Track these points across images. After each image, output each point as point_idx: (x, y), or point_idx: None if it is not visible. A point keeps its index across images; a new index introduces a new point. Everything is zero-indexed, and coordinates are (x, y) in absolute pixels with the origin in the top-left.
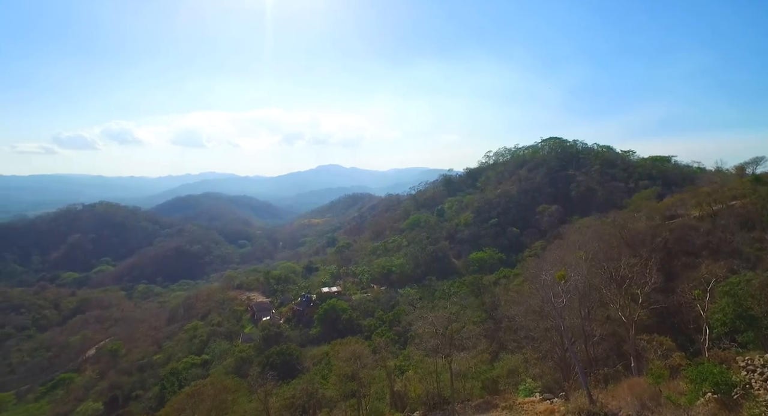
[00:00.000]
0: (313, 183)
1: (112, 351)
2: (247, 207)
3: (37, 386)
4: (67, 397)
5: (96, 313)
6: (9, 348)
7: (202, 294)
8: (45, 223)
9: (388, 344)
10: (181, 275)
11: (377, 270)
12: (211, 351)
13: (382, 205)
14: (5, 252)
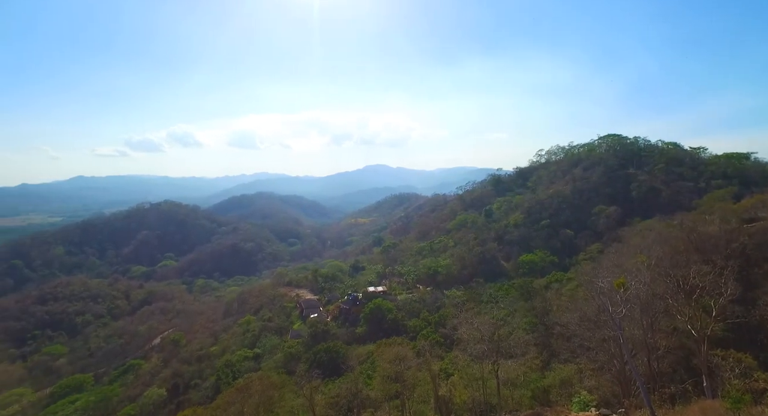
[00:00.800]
0: (360, 183)
1: (174, 341)
2: (297, 206)
3: (111, 370)
4: (136, 382)
5: (160, 305)
6: (88, 333)
7: (254, 290)
8: (118, 220)
9: (433, 346)
10: (235, 271)
11: (423, 271)
12: (263, 346)
13: (428, 205)
14: (86, 247)
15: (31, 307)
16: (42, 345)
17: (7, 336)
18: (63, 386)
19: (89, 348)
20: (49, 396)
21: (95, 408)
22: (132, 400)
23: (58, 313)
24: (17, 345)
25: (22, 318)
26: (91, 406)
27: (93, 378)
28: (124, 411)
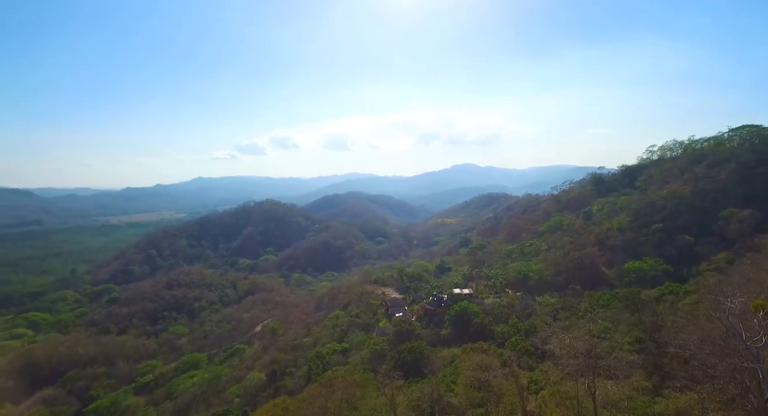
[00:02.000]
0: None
1: (272, 330)
2: (385, 205)
3: (221, 351)
4: (240, 365)
5: (262, 296)
6: (204, 318)
7: (343, 286)
8: (228, 217)
9: (521, 356)
10: (327, 267)
11: (512, 275)
12: (350, 340)
13: (519, 206)
14: (203, 240)
15: (162, 291)
16: (169, 325)
17: (144, 315)
18: (184, 362)
19: (204, 330)
20: (173, 369)
21: (208, 385)
22: (237, 381)
23: (181, 298)
24: (151, 323)
25: (155, 300)
26: (205, 383)
27: (207, 358)
28: (230, 390)
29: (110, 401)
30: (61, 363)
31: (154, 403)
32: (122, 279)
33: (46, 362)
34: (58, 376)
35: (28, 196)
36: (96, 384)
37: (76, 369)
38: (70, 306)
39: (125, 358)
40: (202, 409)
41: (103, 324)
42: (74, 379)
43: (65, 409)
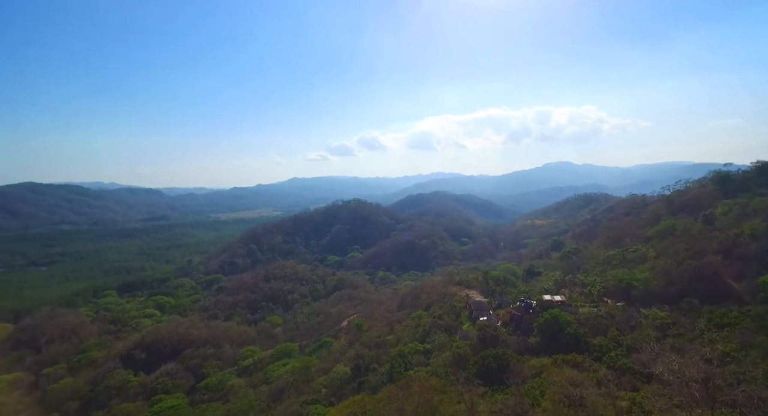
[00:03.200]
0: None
1: (357, 326)
2: (470, 205)
3: (311, 343)
4: (328, 357)
5: (348, 292)
6: (296, 310)
7: (426, 286)
8: (318, 215)
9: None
10: (411, 266)
11: (612, 283)
12: (432, 342)
13: (621, 207)
14: (296, 237)
15: (260, 283)
16: (266, 315)
17: (246, 304)
18: (279, 350)
19: (296, 322)
20: (269, 356)
21: (299, 374)
22: (324, 372)
23: (277, 290)
24: (251, 312)
25: (254, 291)
26: (296, 371)
27: (298, 348)
28: (319, 380)
29: (218, 380)
30: (180, 342)
31: (253, 385)
32: (228, 270)
33: (168, 340)
34: (178, 353)
35: (158, 195)
36: (206, 363)
37: (192, 349)
38: (188, 293)
39: (230, 342)
40: (293, 396)
41: (212, 310)
42: (190, 357)
43: (183, 383)
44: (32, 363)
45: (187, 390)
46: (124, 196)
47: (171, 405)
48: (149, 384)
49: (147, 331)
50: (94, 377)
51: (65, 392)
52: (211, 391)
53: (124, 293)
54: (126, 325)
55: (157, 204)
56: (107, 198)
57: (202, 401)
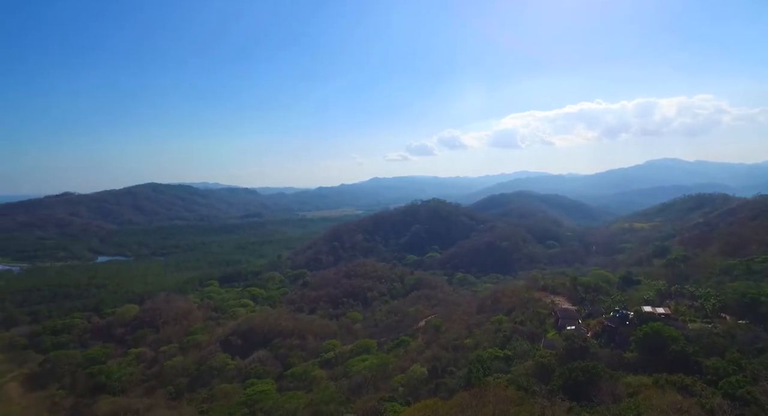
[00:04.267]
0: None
1: (435, 327)
2: (558, 206)
3: (388, 341)
4: (405, 356)
5: (426, 292)
6: (375, 307)
7: (507, 289)
8: (398, 214)
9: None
10: (491, 268)
11: (732, 297)
12: (513, 348)
13: (745, 210)
14: (376, 235)
15: (342, 280)
16: (347, 310)
17: (328, 299)
18: (358, 345)
19: (375, 319)
20: (349, 351)
21: (377, 370)
22: (401, 371)
23: (357, 287)
24: (333, 307)
25: (336, 287)
26: (374, 368)
27: (376, 345)
28: (396, 379)
29: (302, 370)
30: (269, 331)
31: (333, 378)
32: (313, 266)
33: (260, 329)
34: (268, 342)
35: (253, 194)
36: (292, 353)
37: (280, 339)
38: (277, 286)
39: (313, 335)
40: (371, 392)
41: (298, 304)
42: (278, 346)
43: (272, 370)
44: (152, 341)
45: (275, 377)
46: (225, 195)
47: (262, 389)
48: (243, 368)
49: (242, 319)
50: (199, 357)
51: (177, 369)
52: (296, 380)
53: (224, 283)
54: (225, 313)
55: (253, 202)
56: (212, 196)
57: (288, 388)
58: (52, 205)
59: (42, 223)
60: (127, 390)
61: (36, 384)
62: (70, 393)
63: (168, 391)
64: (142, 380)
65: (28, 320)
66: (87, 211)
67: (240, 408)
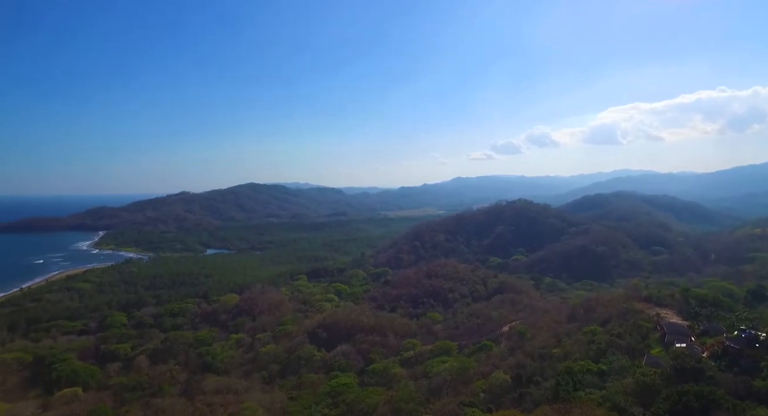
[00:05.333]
0: None
1: (519, 333)
2: (667, 208)
3: (470, 344)
4: (487, 361)
5: (510, 296)
6: (456, 309)
7: (603, 298)
8: (481, 215)
9: None
10: (584, 274)
11: None
12: (608, 363)
13: None
14: (458, 236)
15: (423, 280)
16: (427, 310)
17: (409, 298)
18: (438, 346)
19: (455, 321)
20: (429, 351)
21: (457, 373)
22: (483, 376)
23: (438, 288)
24: (413, 306)
25: (417, 287)
26: (454, 370)
27: (457, 347)
28: (477, 383)
29: (382, 366)
30: (352, 326)
31: (413, 377)
32: (395, 264)
33: (343, 323)
34: (350, 337)
35: (339, 194)
36: (373, 349)
37: (362, 334)
38: (360, 282)
39: (393, 333)
40: (451, 394)
41: (379, 301)
42: (360, 342)
43: (354, 364)
44: (249, 328)
45: (357, 371)
46: (314, 194)
47: (344, 382)
48: (328, 360)
49: (327, 314)
50: (289, 347)
51: (270, 355)
52: (376, 376)
53: (312, 278)
54: (312, 306)
55: (339, 202)
56: (302, 196)
57: (368, 383)
58: (172, 203)
59: (164, 218)
60: (229, 371)
61: (158, 358)
62: (184, 368)
63: (262, 376)
64: (241, 363)
65: (154, 302)
66: (199, 208)
67: (324, 398)
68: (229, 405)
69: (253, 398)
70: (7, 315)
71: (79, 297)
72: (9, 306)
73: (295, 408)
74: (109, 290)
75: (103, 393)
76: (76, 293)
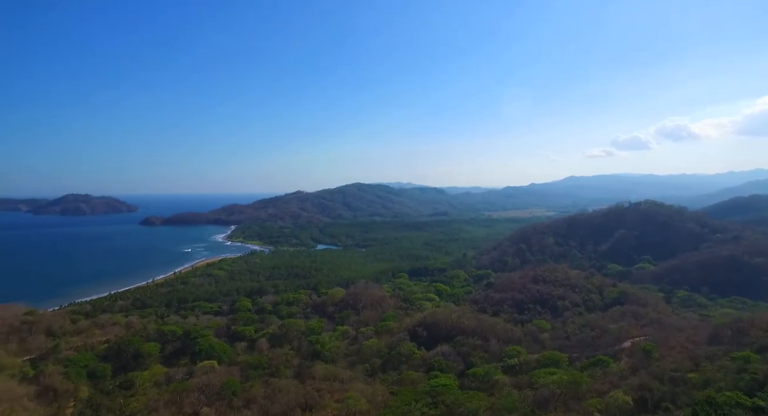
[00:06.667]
0: None
1: (645, 351)
2: None
3: (583, 357)
4: (603, 379)
5: (633, 308)
6: (566, 318)
7: (760, 320)
8: (598, 217)
9: None
10: (731, 290)
11: None
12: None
13: None
14: (570, 240)
15: (528, 284)
16: (533, 317)
17: (512, 303)
18: (545, 357)
19: (566, 331)
20: (535, 360)
21: (567, 387)
22: (598, 394)
23: (545, 294)
24: (518, 312)
25: (522, 292)
26: (564, 384)
27: (567, 359)
28: (591, 401)
29: (484, 371)
30: (452, 327)
31: (517, 386)
32: (498, 267)
33: (443, 324)
34: (450, 338)
35: (441, 193)
36: (474, 352)
37: (462, 336)
38: (461, 284)
39: (496, 337)
40: (560, 409)
41: (481, 304)
42: (460, 344)
43: (454, 365)
44: (354, 322)
45: (456, 373)
46: (415, 194)
47: (444, 383)
48: (428, 359)
49: (428, 312)
50: (390, 342)
51: (372, 349)
52: (476, 380)
53: (412, 276)
54: (413, 304)
55: (440, 201)
56: (404, 195)
57: (468, 387)
58: (288, 201)
59: (282, 215)
60: (335, 360)
61: (275, 342)
62: (297, 354)
63: (365, 368)
64: (345, 354)
65: (272, 291)
66: (311, 206)
67: (424, 396)
68: (335, 393)
69: (356, 388)
70: (165, 294)
71: (215, 282)
72: (166, 286)
73: (395, 403)
74: (238, 277)
75: (233, 367)
76: (213, 279)
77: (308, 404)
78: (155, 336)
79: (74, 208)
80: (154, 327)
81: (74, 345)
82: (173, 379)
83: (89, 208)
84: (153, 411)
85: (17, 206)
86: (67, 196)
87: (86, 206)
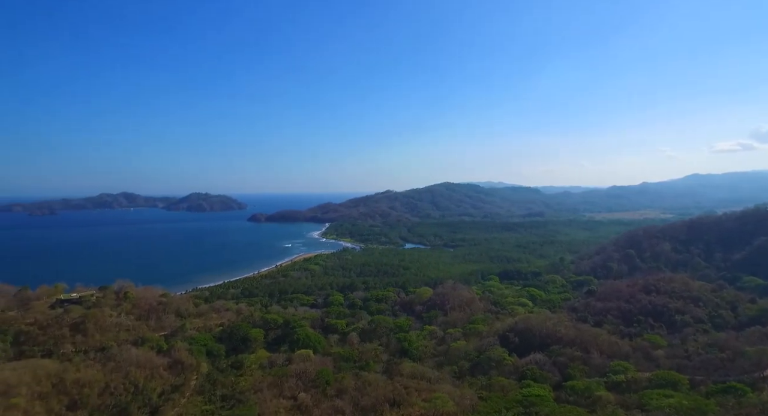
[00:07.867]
0: None
1: None
2: None
3: (709, 381)
4: (738, 410)
5: None
6: (686, 334)
7: None
8: (730, 221)
9: None
10: None
11: None
12: None
13: None
14: (691, 246)
15: (638, 294)
16: (644, 331)
17: (618, 314)
18: (659, 376)
19: (686, 349)
20: (647, 379)
21: (687, 414)
22: None
23: (660, 306)
24: (625, 324)
25: (630, 302)
26: (684, 410)
27: (688, 382)
28: None
29: (584, 385)
30: (547, 335)
31: (624, 406)
32: (600, 273)
33: (537, 331)
34: (545, 346)
35: (535, 193)
36: (572, 364)
37: (559, 346)
38: (557, 289)
39: (598, 350)
40: None
41: (581, 313)
42: (557, 354)
43: (549, 376)
44: (441, 322)
45: (552, 384)
46: (508, 193)
47: (538, 393)
48: (520, 366)
49: (520, 318)
50: (478, 346)
51: (460, 351)
52: (575, 394)
53: (503, 279)
54: (504, 308)
55: (535, 201)
56: (495, 195)
57: (566, 400)
58: (378, 200)
59: (372, 214)
60: (422, 360)
61: (365, 337)
62: (386, 350)
63: (453, 370)
64: (433, 354)
65: (363, 287)
66: (400, 205)
67: (515, 405)
68: (423, 392)
69: (444, 389)
70: (268, 286)
71: (311, 276)
72: (269, 278)
73: (484, 408)
74: (331, 273)
75: (326, 358)
76: (309, 273)
77: (396, 400)
78: (260, 323)
79: (197, 205)
80: (260, 315)
81: (196, 326)
82: (275, 364)
83: (208, 205)
84: (258, 392)
85: (156, 203)
86: (191, 195)
87: (206, 203)
